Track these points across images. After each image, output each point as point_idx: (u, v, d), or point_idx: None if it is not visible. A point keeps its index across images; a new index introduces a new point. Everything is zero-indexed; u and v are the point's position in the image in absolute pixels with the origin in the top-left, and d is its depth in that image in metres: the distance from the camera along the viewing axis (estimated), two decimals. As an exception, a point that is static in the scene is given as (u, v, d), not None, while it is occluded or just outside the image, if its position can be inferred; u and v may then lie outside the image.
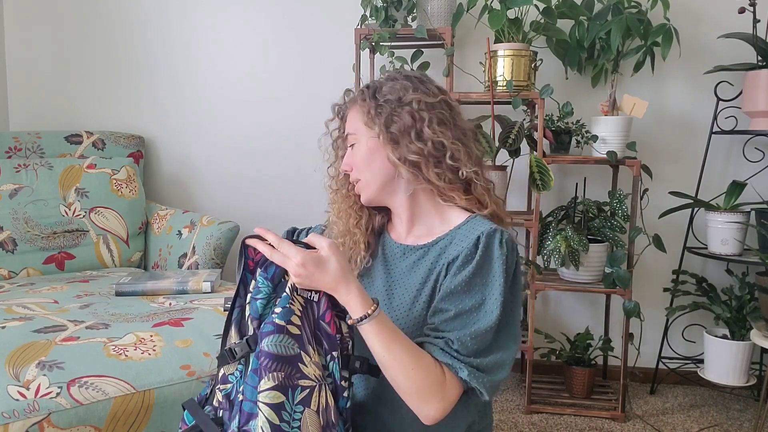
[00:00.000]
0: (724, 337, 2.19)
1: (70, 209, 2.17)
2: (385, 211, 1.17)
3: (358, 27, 2.22)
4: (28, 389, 1.14)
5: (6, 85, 2.69)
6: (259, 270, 0.95)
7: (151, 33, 2.63)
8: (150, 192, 2.64)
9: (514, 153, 2.21)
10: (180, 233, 2.22)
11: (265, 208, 2.64)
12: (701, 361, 2.32)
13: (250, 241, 0.96)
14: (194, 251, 2.10)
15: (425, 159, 1.04)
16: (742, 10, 2.14)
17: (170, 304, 1.63)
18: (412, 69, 2.24)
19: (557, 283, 2.19)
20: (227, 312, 1.50)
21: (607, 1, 2.14)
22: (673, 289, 2.32)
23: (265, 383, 0.84)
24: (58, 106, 2.70)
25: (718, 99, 2.25)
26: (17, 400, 1.11)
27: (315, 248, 0.94)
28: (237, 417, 0.87)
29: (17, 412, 1.09)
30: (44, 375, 1.18)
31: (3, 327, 1.38)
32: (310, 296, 0.94)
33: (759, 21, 2.15)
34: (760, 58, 2.16)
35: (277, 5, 2.54)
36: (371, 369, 0.97)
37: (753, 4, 2.13)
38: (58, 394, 1.14)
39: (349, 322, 0.93)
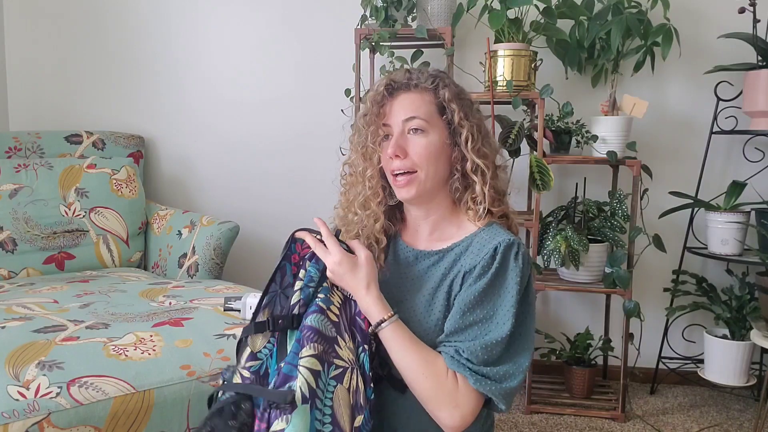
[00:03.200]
0: (724, 337, 2.19)
1: (70, 209, 2.17)
2: (399, 216, 1.16)
3: (358, 27, 2.22)
4: (28, 389, 1.14)
5: (6, 85, 2.69)
6: (308, 262, 1.02)
7: (151, 33, 2.63)
8: (150, 192, 2.63)
9: (514, 153, 2.21)
10: (180, 233, 2.22)
11: (265, 208, 2.64)
12: (701, 361, 2.32)
13: (301, 234, 1.03)
14: (194, 251, 2.10)
15: (490, 167, 1.05)
16: (742, 10, 2.14)
17: (170, 303, 1.63)
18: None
19: (557, 283, 2.19)
20: (228, 311, 1.50)
21: (607, 1, 2.14)
22: (673, 289, 2.32)
23: (307, 351, 0.89)
24: (58, 106, 2.70)
25: (718, 99, 2.25)
26: (17, 400, 1.11)
27: (353, 252, 1.02)
28: (273, 380, 0.90)
29: (17, 412, 1.09)
30: (44, 375, 1.17)
31: (3, 327, 1.38)
32: (348, 294, 1.03)
33: (759, 21, 2.15)
34: (760, 58, 2.16)
35: (277, 5, 2.54)
36: (393, 381, 0.99)
37: (753, 4, 2.13)
38: (58, 394, 1.14)
39: (369, 329, 0.97)
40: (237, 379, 0.93)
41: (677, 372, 2.42)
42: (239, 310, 1.49)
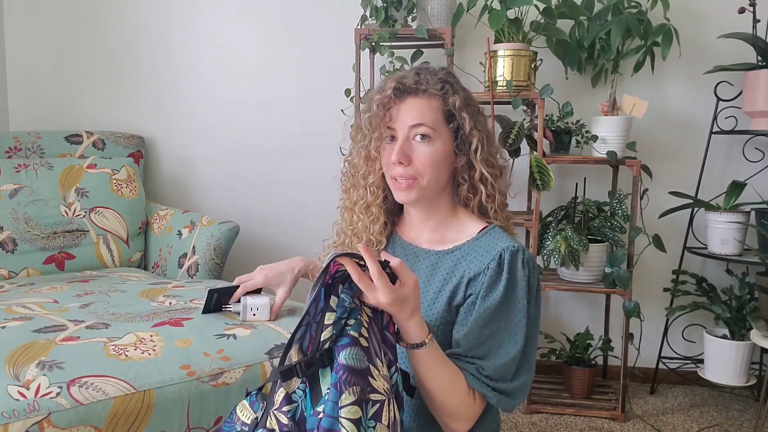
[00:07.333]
0: (724, 337, 2.19)
1: (70, 209, 2.17)
2: (397, 213, 1.15)
3: (358, 27, 2.22)
4: (28, 389, 1.14)
5: (6, 85, 2.69)
6: (341, 286, 0.90)
7: (151, 33, 2.63)
8: (150, 192, 2.63)
9: (514, 153, 2.21)
10: (180, 233, 2.22)
11: (266, 207, 2.64)
12: (701, 361, 2.32)
13: (343, 260, 0.87)
14: (194, 251, 2.10)
15: (496, 174, 1.05)
16: (742, 10, 2.14)
17: (170, 303, 1.63)
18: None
19: (557, 283, 2.19)
20: (212, 309, 1.49)
21: (607, 1, 2.14)
22: (673, 289, 2.32)
23: (346, 398, 0.82)
24: (58, 106, 2.70)
25: (718, 99, 2.25)
26: (17, 400, 1.11)
27: (389, 264, 0.89)
28: None
29: (17, 412, 1.09)
30: (44, 375, 1.17)
31: (3, 327, 1.38)
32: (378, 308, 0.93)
33: (759, 21, 2.15)
34: (760, 58, 2.16)
35: (277, 5, 2.54)
36: (407, 388, 0.98)
37: (753, 4, 2.13)
38: (58, 394, 1.14)
39: (402, 344, 0.93)
40: (272, 424, 0.87)
41: (677, 372, 2.42)
42: (239, 313, 1.49)
